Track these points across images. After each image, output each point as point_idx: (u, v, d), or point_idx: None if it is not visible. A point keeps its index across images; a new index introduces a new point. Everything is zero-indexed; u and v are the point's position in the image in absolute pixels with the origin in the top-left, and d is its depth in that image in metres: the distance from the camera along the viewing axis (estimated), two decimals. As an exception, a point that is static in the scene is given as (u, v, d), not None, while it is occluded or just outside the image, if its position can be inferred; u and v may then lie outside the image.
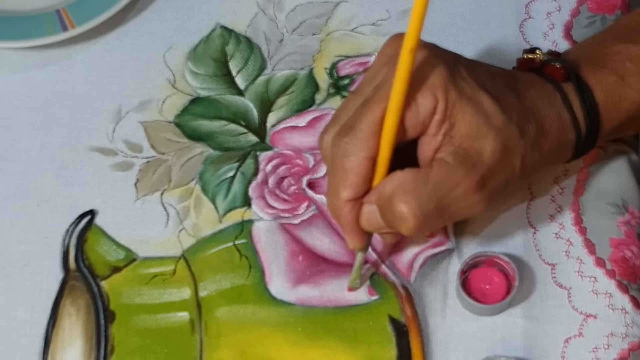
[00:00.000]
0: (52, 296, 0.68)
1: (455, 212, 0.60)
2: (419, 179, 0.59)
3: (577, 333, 0.66)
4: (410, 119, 0.59)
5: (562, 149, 0.64)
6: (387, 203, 0.59)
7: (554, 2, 0.77)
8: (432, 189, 0.59)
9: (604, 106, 0.63)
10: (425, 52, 0.59)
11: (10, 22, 0.77)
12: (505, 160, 0.60)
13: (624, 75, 0.64)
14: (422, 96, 0.59)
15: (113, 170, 0.73)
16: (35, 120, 0.75)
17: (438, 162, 0.59)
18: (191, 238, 0.70)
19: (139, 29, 0.79)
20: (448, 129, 0.59)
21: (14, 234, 0.71)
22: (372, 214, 0.61)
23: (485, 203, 0.60)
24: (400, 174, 0.60)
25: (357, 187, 0.60)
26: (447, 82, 0.59)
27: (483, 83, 0.60)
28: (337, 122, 0.62)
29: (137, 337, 0.67)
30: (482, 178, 0.59)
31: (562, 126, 0.63)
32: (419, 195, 0.59)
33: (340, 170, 0.60)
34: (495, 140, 0.59)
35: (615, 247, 0.68)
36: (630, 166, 0.70)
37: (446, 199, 0.59)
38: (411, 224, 0.59)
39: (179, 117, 0.75)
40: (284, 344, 0.66)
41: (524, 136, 0.61)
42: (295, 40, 0.77)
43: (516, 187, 0.63)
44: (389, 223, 0.60)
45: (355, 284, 0.67)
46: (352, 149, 0.60)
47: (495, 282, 0.66)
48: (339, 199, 0.61)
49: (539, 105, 0.62)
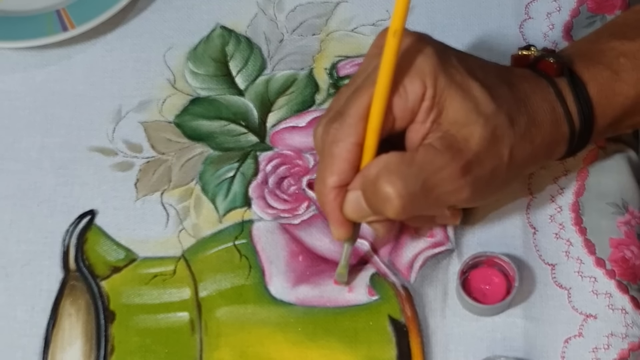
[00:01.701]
0: (52, 296, 0.68)
1: (440, 195, 0.60)
2: (404, 161, 0.59)
3: (577, 333, 0.66)
4: (399, 105, 0.59)
5: (555, 142, 0.64)
6: (372, 186, 0.59)
7: (554, 3, 0.77)
8: (418, 170, 0.58)
9: (598, 101, 0.63)
10: (415, 39, 0.59)
11: (10, 22, 0.77)
12: (493, 147, 0.60)
13: (618, 71, 0.64)
14: (410, 83, 0.59)
15: (113, 170, 0.73)
16: (35, 120, 0.75)
17: (424, 146, 0.59)
18: (191, 238, 0.70)
19: (139, 29, 0.79)
20: (436, 116, 0.59)
21: (14, 234, 0.71)
22: (356, 201, 0.60)
23: (470, 189, 0.60)
24: (385, 156, 0.59)
25: (344, 174, 0.60)
26: (437, 69, 0.59)
27: (474, 71, 0.60)
28: (329, 112, 0.62)
29: (137, 337, 0.67)
30: (467, 163, 0.59)
31: (555, 119, 0.62)
32: (404, 175, 0.58)
33: (329, 157, 0.60)
34: (484, 127, 0.59)
35: (615, 247, 0.68)
36: (630, 166, 0.70)
37: (431, 181, 0.59)
38: (397, 204, 0.58)
39: (179, 117, 0.75)
40: (284, 344, 0.66)
41: (513, 125, 0.60)
42: (295, 41, 0.77)
43: (505, 178, 0.62)
44: (374, 207, 0.60)
45: (342, 278, 0.66)
46: (340, 134, 0.60)
47: (495, 282, 0.66)
48: (325, 185, 0.61)
49: (532, 97, 0.62)
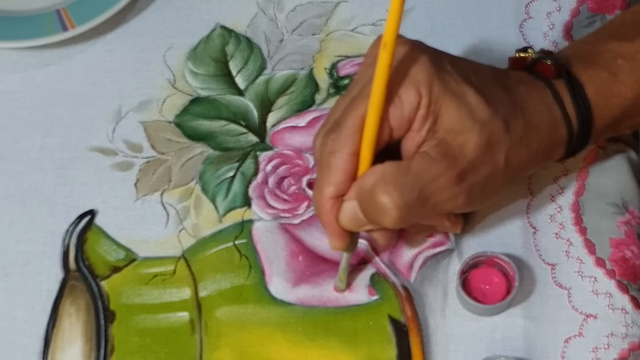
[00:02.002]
0: (52, 296, 0.68)
1: (436, 203, 0.60)
2: (400, 170, 0.59)
3: (577, 333, 0.65)
4: (394, 116, 0.59)
5: (553, 145, 0.63)
6: (368, 196, 0.59)
7: (554, 2, 0.77)
8: (414, 179, 0.58)
9: (596, 102, 0.63)
10: (409, 48, 0.59)
11: (10, 22, 0.77)
12: (488, 154, 0.60)
13: (615, 72, 0.63)
14: (405, 92, 0.58)
15: (113, 170, 0.73)
16: (35, 120, 0.75)
17: (420, 154, 0.59)
18: (191, 238, 0.70)
19: (139, 29, 0.78)
20: (432, 124, 0.59)
21: (14, 234, 0.71)
22: (352, 211, 0.60)
23: (466, 195, 0.60)
24: (380, 166, 0.59)
25: (340, 184, 0.60)
26: (431, 77, 0.59)
27: (468, 77, 0.60)
28: (327, 123, 0.62)
29: (137, 337, 0.67)
30: (462, 170, 0.59)
31: (552, 122, 0.62)
32: (400, 185, 0.58)
33: (326, 167, 0.60)
34: (479, 134, 0.59)
35: (615, 247, 0.67)
36: (630, 166, 0.70)
37: (427, 190, 0.59)
38: (394, 215, 0.58)
39: (179, 117, 0.75)
40: (284, 344, 0.66)
41: (509, 130, 0.60)
42: (295, 40, 0.77)
43: (501, 182, 0.62)
44: (370, 217, 0.60)
45: (341, 286, 0.67)
46: (337, 145, 0.59)
47: (495, 282, 0.66)
48: (322, 195, 0.61)
49: (528, 100, 0.62)
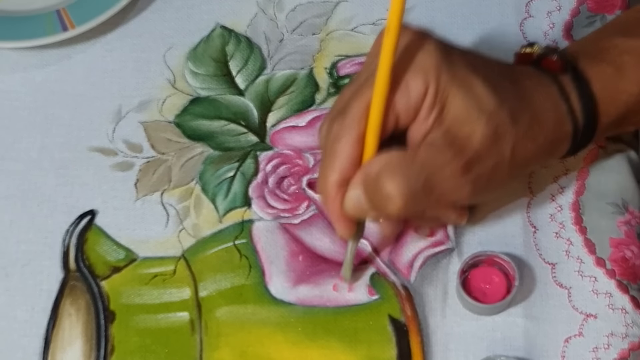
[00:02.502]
0: (52, 296, 0.68)
1: (442, 193, 0.59)
2: (406, 159, 0.59)
3: (577, 333, 0.65)
4: (401, 102, 0.59)
5: (558, 140, 0.63)
6: (373, 183, 0.59)
7: (554, 2, 0.77)
8: (420, 168, 0.58)
9: (602, 98, 0.63)
10: (417, 35, 0.59)
11: (10, 22, 0.77)
12: (494, 145, 0.60)
13: (621, 68, 0.63)
14: (412, 79, 0.58)
15: (113, 170, 0.73)
16: (35, 120, 0.75)
17: (426, 144, 0.59)
18: (191, 238, 0.70)
19: (139, 29, 0.79)
20: (438, 113, 0.59)
21: (14, 234, 0.71)
22: (357, 198, 0.60)
23: (471, 186, 0.60)
24: (386, 154, 0.59)
25: (345, 171, 0.60)
26: (439, 65, 0.58)
27: (476, 68, 0.60)
28: (333, 111, 0.62)
29: (137, 337, 0.67)
30: (468, 161, 0.59)
31: (558, 117, 0.62)
32: (406, 174, 0.58)
33: (331, 154, 0.60)
34: (486, 125, 0.59)
35: (615, 247, 0.67)
36: (630, 166, 0.70)
37: (433, 179, 0.58)
38: (398, 203, 0.58)
39: (179, 117, 0.75)
40: (284, 344, 0.66)
41: (516, 123, 0.60)
42: (295, 40, 0.77)
43: (506, 175, 0.62)
44: (375, 205, 0.60)
45: (347, 275, 0.67)
46: (342, 131, 0.59)
47: (495, 281, 0.66)
48: (327, 182, 0.60)
49: (535, 95, 0.62)
